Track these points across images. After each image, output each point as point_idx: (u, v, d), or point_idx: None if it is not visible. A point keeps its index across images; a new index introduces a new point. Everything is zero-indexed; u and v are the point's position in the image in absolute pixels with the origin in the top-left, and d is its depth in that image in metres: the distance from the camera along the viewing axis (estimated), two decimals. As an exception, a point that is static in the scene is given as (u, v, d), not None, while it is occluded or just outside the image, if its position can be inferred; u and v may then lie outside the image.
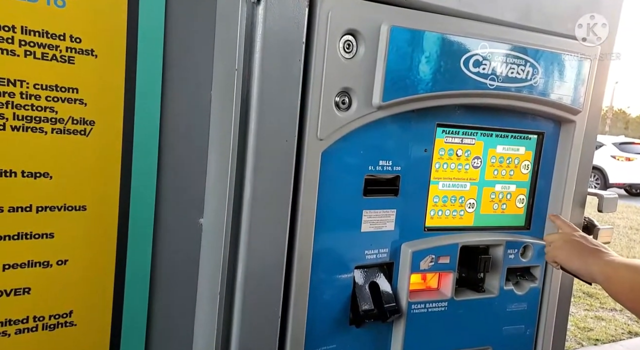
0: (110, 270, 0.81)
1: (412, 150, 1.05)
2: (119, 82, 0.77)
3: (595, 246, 1.03)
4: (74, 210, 0.76)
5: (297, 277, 0.91)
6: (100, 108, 0.76)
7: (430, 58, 0.94)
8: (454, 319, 1.13)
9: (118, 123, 0.79)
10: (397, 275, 1.07)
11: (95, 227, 0.79)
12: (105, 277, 0.81)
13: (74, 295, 0.78)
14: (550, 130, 1.21)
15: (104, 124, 0.77)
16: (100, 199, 0.79)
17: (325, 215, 0.94)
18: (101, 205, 0.79)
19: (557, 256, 1.07)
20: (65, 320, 0.77)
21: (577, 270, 1.02)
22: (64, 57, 0.71)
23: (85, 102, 0.74)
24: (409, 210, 1.07)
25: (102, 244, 0.80)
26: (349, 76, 0.90)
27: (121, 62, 0.77)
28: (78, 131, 0.75)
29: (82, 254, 0.78)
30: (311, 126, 0.88)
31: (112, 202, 0.80)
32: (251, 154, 0.82)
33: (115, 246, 0.82)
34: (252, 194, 0.83)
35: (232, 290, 0.86)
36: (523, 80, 1.06)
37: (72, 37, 0.71)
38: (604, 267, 0.96)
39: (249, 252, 0.85)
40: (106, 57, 0.75)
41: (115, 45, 0.76)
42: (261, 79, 0.80)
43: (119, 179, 0.80)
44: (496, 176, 1.18)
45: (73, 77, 0.72)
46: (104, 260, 0.80)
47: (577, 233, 1.10)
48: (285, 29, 0.81)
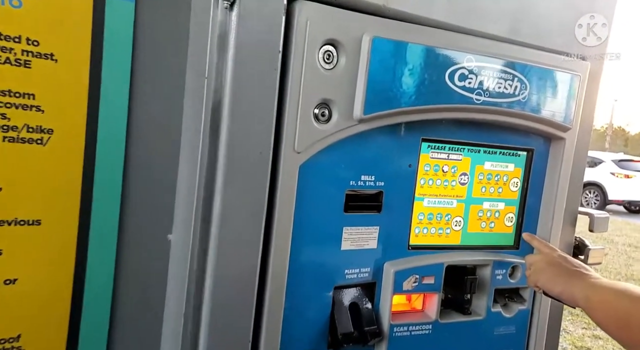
0: (66, 291, 0.75)
1: (396, 165, 1.00)
2: (82, 89, 0.73)
3: (576, 268, 0.97)
4: (26, 225, 0.71)
5: (270, 298, 0.86)
6: (60, 116, 0.72)
7: (414, 71, 0.91)
8: (439, 342, 1.08)
9: (80, 132, 0.74)
10: (380, 295, 1.02)
11: (50, 243, 0.73)
12: (60, 299, 0.75)
13: (22, 317, 0.72)
14: (540, 147, 1.17)
15: (63, 133, 0.72)
16: (58, 214, 0.74)
17: (302, 232, 0.90)
18: (58, 220, 0.74)
19: (539, 280, 1.00)
20: (12, 345, 0.71)
21: (559, 294, 0.96)
22: (19, 61, 0.66)
23: (43, 109, 0.70)
24: (393, 228, 1.02)
25: (57, 261, 0.74)
26: (329, 87, 0.86)
27: (84, 67, 0.72)
28: (34, 140, 0.70)
29: (34, 272, 0.72)
30: (288, 138, 0.84)
31: (71, 217, 0.75)
32: (221, 166, 0.78)
33: (74, 265, 0.76)
34: (221, 208, 0.78)
35: (199, 312, 0.81)
36: (511, 96, 1.02)
37: (29, 39, 0.67)
38: (587, 290, 0.89)
39: (216, 271, 0.80)
40: (67, 62, 0.71)
41: (78, 50, 0.71)
42: (234, 88, 0.76)
43: (79, 193, 0.75)
44: (484, 193, 1.14)
45: (29, 82, 0.68)
46: (59, 279, 0.74)
47: (556, 254, 1.05)
48: (260, 36, 0.77)
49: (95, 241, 0.78)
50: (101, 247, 0.79)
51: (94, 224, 0.78)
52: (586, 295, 0.89)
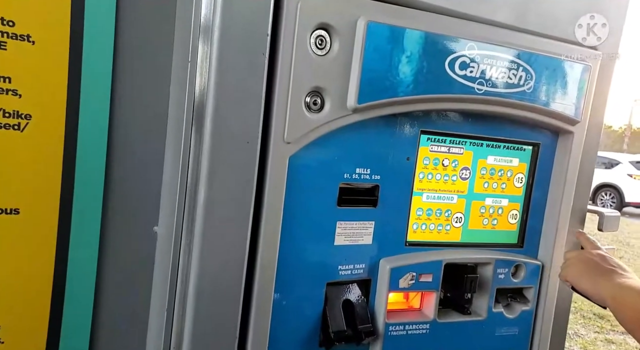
0: (47, 282, 0.73)
1: (393, 159, 0.96)
2: (62, 72, 0.70)
3: (612, 267, 0.94)
4: (3, 214, 0.68)
5: (259, 294, 0.83)
6: (39, 101, 0.69)
7: (412, 58, 0.86)
8: (436, 343, 1.04)
9: (60, 118, 0.72)
10: (375, 293, 0.99)
11: (29, 233, 0.71)
12: (41, 290, 0.73)
13: (2, 309, 0.70)
14: (547, 142, 1.12)
15: (42, 119, 0.70)
16: (38, 202, 0.72)
17: (293, 226, 0.86)
18: (38, 209, 0.72)
19: (568, 275, 1.00)
20: (-11, 336, 0.70)
21: (586, 291, 0.95)
22: (-7, 42, 0.64)
23: (20, 94, 0.67)
24: (389, 223, 0.98)
25: (37, 252, 0.72)
26: (322, 75, 0.82)
27: (64, 50, 0.70)
28: (10, 125, 0.67)
29: (13, 263, 0.70)
30: (277, 128, 0.80)
31: (52, 205, 0.73)
32: (206, 155, 0.74)
33: (54, 255, 0.74)
34: (206, 200, 0.75)
35: (184, 307, 0.78)
36: (515, 86, 0.97)
37: (4, 20, 0.65)
38: (613, 289, 0.87)
39: (202, 265, 0.77)
40: (46, 44, 0.68)
41: (57, 32, 0.69)
42: (219, 73, 0.73)
43: (60, 181, 0.73)
44: (487, 189, 1.09)
45: (4, 64, 0.66)
46: (39, 270, 0.72)
47: (595, 251, 1.02)
48: (248, 18, 0.74)
49: (78, 231, 0.76)
50: (83, 237, 0.77)
51: (76, 214, 0.75)
52: (612, 294, 0.88)
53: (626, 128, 42.76)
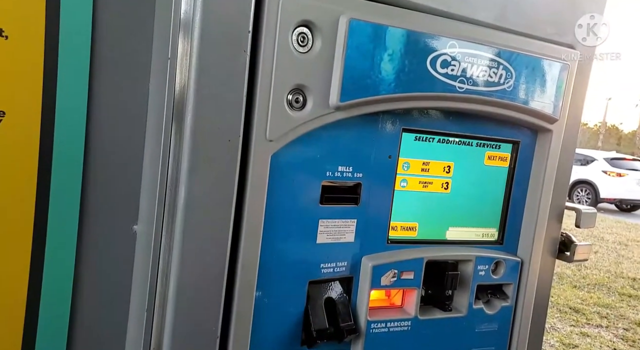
0: (21, 283, 0.71)
1: (376, 157, 0.96)
2: (37, 69, 0.68)
3: None
4: (-24, 214, 0.66)
5: (240, 293, 0.82)
6: (12, 97, 0.67)
7: (394, 56, 0.87)
8: (418, 339, 1.05)
9: (35, 115, 0.70)
10: (357, 291, 0.99)
11: (4, 234, 0.69)
12: (16, 293, 0.71)
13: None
14: (527, 140, 1.14)
15: (16, 116, 0.68)
16: (12, 201, 0.70)
17: (275, 224, 0.86)
18: (12, 208, 0.70)
19: None
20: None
21: None
22: (-37, 37, 0.62)
23: (-8, 90, 0.65)
24: (371, 221, 0.98)
25: (12, 254, 0.70)
26: (304, 72, 0.82)
27: (39, 45, 0.68)
28: (-18, 122, 0.65)
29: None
30: (259, 126, 0.80)
31: (27, 205, 0.71)
32: (187, 153, 0.73)
33: (30, 256, 0.72)
34: (187, 198, 0.74)
35: (164, 306, 0.77)
36: (495, 84, 0.98)
37: (-25, 13, 0.62)
38: None
39: (182, 264, 0.76)
40: (19, 39, 0.66)
41: (31, 26, 0.67)
42: (200, 70, 0.72)
43: (35, 181, 0.71)
44: (467, 186, 1.10)
45: (-25, 59, 0.63)
46: (14, 272, 0.70)
47: None
48: (229, 15, 0.73)
49: (54, 232, 0.74)
50: (60, 238, 0.75)
51: (52, 214, 0.73)
52: None
53: (601, 125, 43.73)
